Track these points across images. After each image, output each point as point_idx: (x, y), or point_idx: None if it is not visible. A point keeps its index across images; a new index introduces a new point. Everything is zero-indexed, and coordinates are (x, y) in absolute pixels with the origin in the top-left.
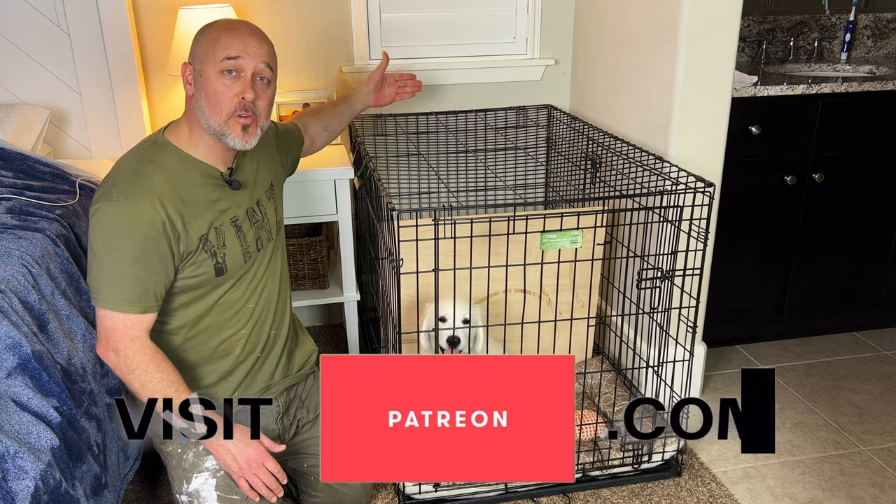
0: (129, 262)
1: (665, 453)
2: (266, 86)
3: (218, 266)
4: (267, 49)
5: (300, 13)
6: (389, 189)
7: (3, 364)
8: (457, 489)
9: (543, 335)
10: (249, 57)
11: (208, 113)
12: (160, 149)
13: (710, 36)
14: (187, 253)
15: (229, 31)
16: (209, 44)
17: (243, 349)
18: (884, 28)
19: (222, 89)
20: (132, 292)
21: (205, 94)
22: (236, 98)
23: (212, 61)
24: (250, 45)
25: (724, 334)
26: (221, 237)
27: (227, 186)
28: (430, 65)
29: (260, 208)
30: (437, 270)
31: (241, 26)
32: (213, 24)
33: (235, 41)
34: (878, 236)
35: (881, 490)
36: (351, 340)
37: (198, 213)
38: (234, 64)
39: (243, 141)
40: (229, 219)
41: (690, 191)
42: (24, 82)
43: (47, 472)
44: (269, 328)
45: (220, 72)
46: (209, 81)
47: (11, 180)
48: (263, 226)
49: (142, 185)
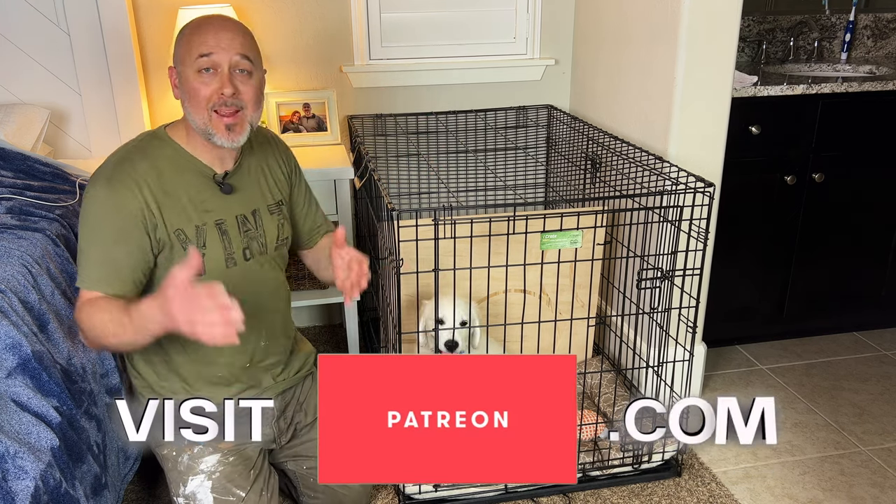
0: (107, 244)
1: (665, 453)
2: (247, 77)
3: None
4: (241, 40)
5: (300, 13)
6: (389, 189)
7: (3, 364)
8: (457, 489)
9: (543, 335)
10: (223, 51)
11: (193, 113)
12: (156, 140)
13: (710, 36)
14: (161, 244)
15: (200, 29)
16: (185, 45)
17: (229, 357)
18: (884, 28)
19: (200, 87)
20: (108, 273)
21: (187, 96)
22: (215, 95)
23: (188, 62)
24: (222, 39)
25: (724, 334)
26: (202, 237)
27: (217, 188)
28: (430, 65)
29: (256, 219)
30: (437, 270)
31: (213, 21)
32: (188, 24)
33: (207, 37)
34: (878, 236)
35: (881, 490)
36: (351, 340)
37: (178, 207)
38: (209, 61)
39: (229, 139)
40: (213, 220)
41: (690, 191)
42: (24, 82)
43: (47, 472)
44: (260, 340)
45: (197, 71)
46: (188, 82)
47: (11, 180)
48: (256, 237)
49: (124, 171)
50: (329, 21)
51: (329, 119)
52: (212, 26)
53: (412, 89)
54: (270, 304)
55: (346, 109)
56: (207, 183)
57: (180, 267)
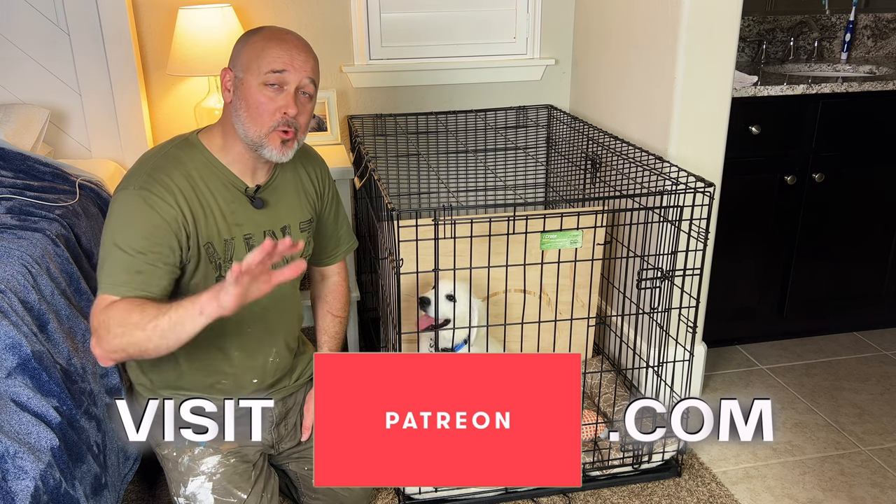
0: (137, 251)
1: (665, 453)
2: (308, 100)
3: (220, 279)
4: (313, 64)
5: (300, 13)
6: (389, 189)
7: (3, 364)
8: (457, 489)
9: (543, 335)
10: (295, 71)
11: (248, 124)
12: (188, 147)
13: (710, 36)
14: (190, 255)
15: (277, 42)
16: (253, 52)
17: (234, 371)
18: (884, 28)
19: (265, 101)
20: (137, 280)
21: (245, 105)
22: (279, 112)
23: (255, 71)
24: (297, 58)
25: (724, 334)
26: (230, 251)
27: (248, 202)
28: (430, 65)
29: (284, 235)
30: (437, 270)
31: (290, 38)
32: (258, 31)
33: (282, 53)
34: (878, 236)
35: (881, 490)
36: (351, 340)
37: (209, 218)
38: (279, 77)
39: (280, 153)
40: (242, 235)
41: (690, 191)
42: (24, 82)
43: (47, 472)
44: (269, 357)
45: (264, 83)
46: (251, 92)
47: (11, 180)
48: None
49: (159, 178)
50: (329, 21)
51: (329, 119)
52: (287, 43)
53: (412, 89)
54: (285, 322)
55: (346, 109)
56: (238, 196)
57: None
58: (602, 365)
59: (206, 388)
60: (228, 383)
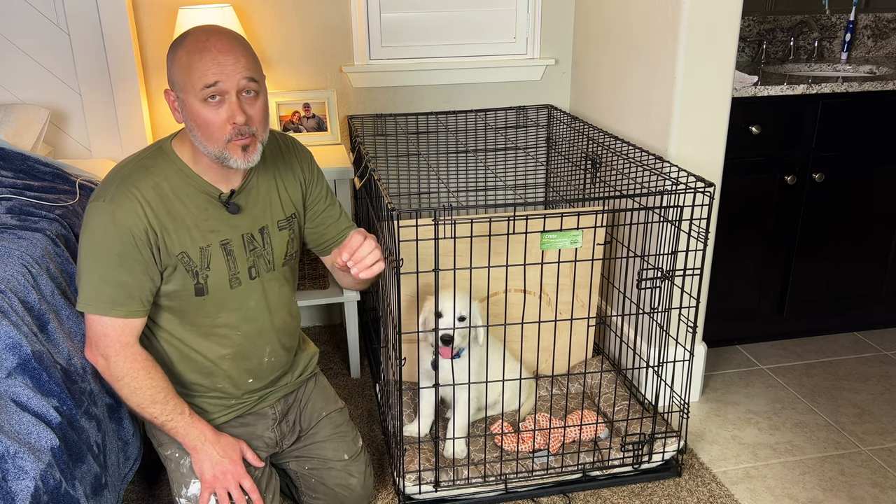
0: (111, 264)
1: (665, 453)
2: (254, 98)
3: (199, 286)
4: (244, 62)
5: (300, 13)
6: (389, 189)
7: (3, 364)
8: (457, 489)
9: (543, 335)
10: (228, 78)
11: (204, 141)
12: (161, 156)
13: (710, 36)
14: (164, 265)
15: (200, 54)
16: (183, 71)
17: (228, 373)
18: (884, 28)
19: (211, 117)
20: (114, 295)
21: (195, 125)
22: (227, 125)
23: (191, 90)
24: (226, 64)
25: (724, 334)
26: (207, 258)
27: (223, 208)
28: (430, 65)
29: (263, 236)
30: (437, 270)
31: (212, 43)
32: (182, 41)
33: (210, 64)
34: (878, 236)
35: (881, 490)
36: (351, 340)
37: (181, 228)
38: (215, 90)
39: (245, 160)
40: (218, 241)
41: (690, 191)
42: (24, 82)
43: (47, 472)
44: (264, 357)
45: (203, 100)
46: (195, 112)
47: (11, 180)
48: (262, 255)
49: (128, 190)
50: (329, 21)
51: (329, 119)
52: (210, 51)
53: (412, 89)
54: (276, 322)
55: (346, 109)
56: (213, 202)
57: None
58: (602, 365)
59: (206, 388)
60: (226, 384)
